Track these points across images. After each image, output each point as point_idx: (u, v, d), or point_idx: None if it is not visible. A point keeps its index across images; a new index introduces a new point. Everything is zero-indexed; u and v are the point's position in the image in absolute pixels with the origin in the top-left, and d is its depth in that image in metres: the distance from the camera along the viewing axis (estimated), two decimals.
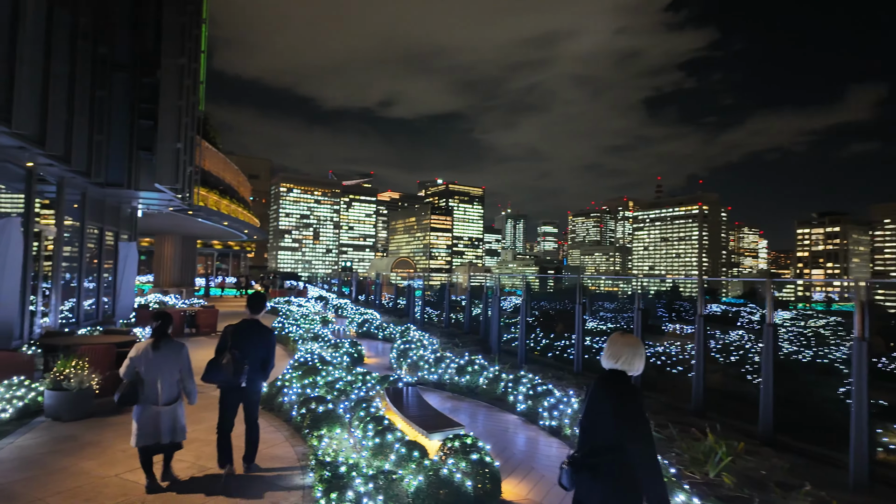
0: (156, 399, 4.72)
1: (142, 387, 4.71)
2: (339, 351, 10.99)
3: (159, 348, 4.82)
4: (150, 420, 4.70)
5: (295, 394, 7.03)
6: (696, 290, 7.37)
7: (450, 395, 8.61)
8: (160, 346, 4.83)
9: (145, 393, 4.71)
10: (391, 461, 4.83)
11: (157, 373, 4.75)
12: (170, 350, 4.87)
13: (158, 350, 4.81)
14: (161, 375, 4.76)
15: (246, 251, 55.70)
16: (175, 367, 4.87)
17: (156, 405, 4.71)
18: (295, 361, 9.17)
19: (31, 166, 11.36)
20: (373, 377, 8.01)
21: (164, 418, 4.74)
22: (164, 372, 4.78)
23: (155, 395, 4.73)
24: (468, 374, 8.56)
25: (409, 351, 10.30)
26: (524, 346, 10.33)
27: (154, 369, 4.75)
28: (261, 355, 5.17)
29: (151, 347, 4.81)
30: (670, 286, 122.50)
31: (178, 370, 4.89)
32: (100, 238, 16.54)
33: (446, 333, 14.37)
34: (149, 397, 4.71)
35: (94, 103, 13.79)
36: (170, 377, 4.82)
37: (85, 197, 14.96)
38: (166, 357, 4.83)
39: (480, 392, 8.38)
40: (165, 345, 4.87)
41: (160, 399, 4.73)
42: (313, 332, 13.76)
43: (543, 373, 9.01)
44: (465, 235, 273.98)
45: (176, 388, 4.88)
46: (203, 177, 22.78)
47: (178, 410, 4.90)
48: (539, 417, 7.01)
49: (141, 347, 4.84)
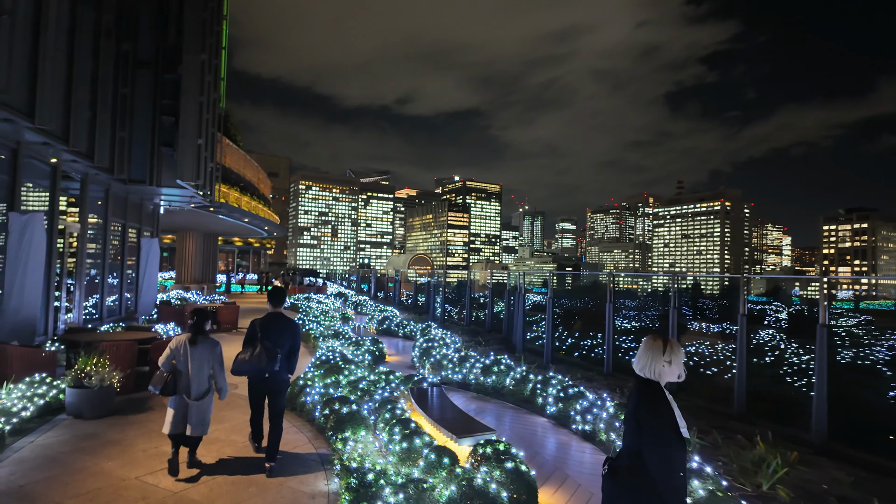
0: (188, 391, 4.92)
1: (178, 378, 4.94)
2: (360, 349, 10.80)
3: (196, 343, 5.01)
4: (181, 410, 4.93)
5: (318, 393, 6.83)
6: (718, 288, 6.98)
7: (475, 396, 8.34)
8: (196, 342, 5.02)
9: (181, 385, 4.94)
10: (420, 468, 4.59)
11: (190, 367, 4.94)
12: (205, 346, 5.05)
13: (195, 345, 5.00)
14: (194, 369, 4.96)
15: (266, 248, 56.12)
16: (208, 362, 5.05)
17: (187, 397, 4.91)
18: (317, 359, 9.00)
19: (55, 163, 11.38)
20: (396, 377, 7.79)
21: (193, 411, 4.93)
22: (197, 366, 4.97)
23: (187, 388, 4.93)
24: (494, 374, 8.28)
25: (432, 350, 10.05)
26: (551, 345, 9.98)
27: (188, 363, 4.95)
28: (287, 346, 5.35)
29: (188, 342, 5.00)
30: (692, 283, 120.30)
31: (210, 366, 5.06)
32: (123, 234, 16.63)
33: (468, 331, 14.10)
34: (182, 389, 4.93)
35: (118, 100, 13.82)
36: (203, 372, 5.01)
37: (108, 193, 15.02)
38: (201, 352, 5.01)
39: (507, 393, 8.09)
40: (201, 341, 5.05)
41: (192, 392, 4.93)
42: (334, 329, 13.62)
43: (572, 373, 8.69)
44: (482, 232, 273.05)
45: (207, 383, 5.05)
46: (224, 173, 22.89)
47: (208, 406, 5.06)
48: (571, 421, 6.69)
49: (179, 340, 5.04)
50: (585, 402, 6.61)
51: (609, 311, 8.92)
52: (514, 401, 7.91)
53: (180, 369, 4.95)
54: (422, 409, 6.28)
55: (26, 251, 8.59)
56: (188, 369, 4.94)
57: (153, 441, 5.88)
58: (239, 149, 27.65)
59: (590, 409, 6.45)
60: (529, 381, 7.83)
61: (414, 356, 10.70)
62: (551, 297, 10.16)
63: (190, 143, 14.51)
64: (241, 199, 24.89)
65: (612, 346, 8.88)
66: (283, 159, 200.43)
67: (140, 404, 7.38)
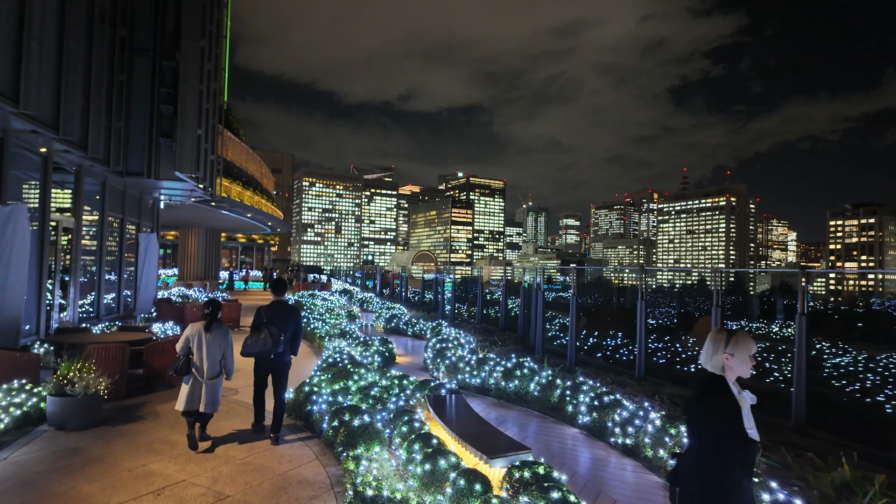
0: (201, 372, 5.46)
1: (192, 361, 5.48)
2: (369, 350, 10.15)
3: (210, 330, 5.57)
4: (194, 390, 5.44)
5: (325, 402, 6.17)
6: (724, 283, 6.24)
7: (495, 402, 7.66)
8: (211, 329, 5.58)
9: (195, 366, 5.48)
10: (447, 496, 3.92)
11: (205, 351, 5.49)
12: (218, 332, 5.61)
13: (209, 332, 5.55)
14: (208, 353, 5.49)
15: (270, 244, 55.51)
16: (220, 347, 5.60)
17: (200, 378, 5.44)
18: (323, 362, 8.36)
19: (45, 152, 10.75)
20: (411, 382, 7.12)
21: (205, 390, 5.44)
22: (210, 351, 5.51)
23: (200, 370, 5.47)
24: (516, 378, 7.59)
25: (447, 351, 9.38)
26: (574, 346, 9.25)
27: (203, 348, 5.49)
28: (291, 330, 5.95)
29: (204, 329, 5.55)
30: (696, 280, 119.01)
31: (221, 350, 5.60)
32: (121, 230, 16.02)
33: (480, 330, 13.43)
34: (195, 370, 5.47)
35: (113, 88, 13.17)
36: (215, 356, 5.54)
37: (105, 187, 14.40)
38: (215, 338, 5.57)
39: (531, 399, 7.41)
40: (215, 328, 5.61)
41: (204, 374, 5.46)
42: (340, 328, 12.97)
43: (601, 377, 7.99)
44: (485, 229, 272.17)
45: (218, 366, 5.59)
46: (225, 167, 22.24)
47: (218, 386, 5.59)
48: (607, 433, 6.01)
49: (196, 327, 5.57)
50: (625, 413, 5.91)
51: (640, 310, 8.19)
52: (540, 408, 7.23)
53: (194, 353, 5.50)
54: (442, 421, 5.61)
55: (9, 246, 7.95)
56: (202, 353, 5.48)
57: (141, 458, 5.23)
58: (241, 142, 26.98)
59: (630, 420, 5.74)
60: (557, 387, 7.15)
61: (426, 357, 10.03)
62: (575, 294, 9.43)
63: (189, 133, 13.87)
64: (243, 193, 24.24)
65: (644, 348, 8.16)
66: (286, 156, 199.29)
67: (131, 412, 6.74)
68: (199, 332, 5.52)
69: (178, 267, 33.77)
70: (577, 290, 9.32)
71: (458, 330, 13.35)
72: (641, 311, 8.17)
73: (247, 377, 7.66)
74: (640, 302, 8.23)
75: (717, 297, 7.36)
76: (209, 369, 5.48)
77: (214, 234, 33.72)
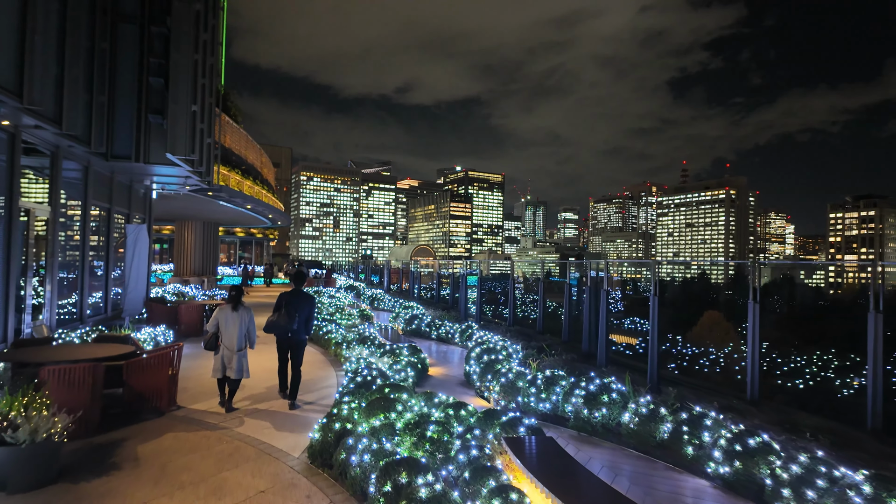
0: (231, 345, 6.67)
1: (221, 336, 6.73)
2: (399, 361, 8.46)
3: (237, 310, 6.83)
4: (224, 360, 6.66)
5: (367, 450, 4.47)
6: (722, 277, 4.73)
7: (575, 436, 6.00)
8: (237, 309, 6.84)
9: (223, 340, 6.71)
10: None
11: (232, 327, 6.73)
12: (243, 312, 6.87)
13: (236, 311, 6.82)
14: (235, 329, 6.72)
15: (269, 238, 53.67)
16: (244, 324, 6.81)
17: (230, 350, 6.66)
18: (350, 381, 6.70)
19: (8, 126, 9.00)
20: (470, 412, 5.46)
21: (235, 360, 6.64)
22: (237, 327, 6.74)
23: (231, 343, 6.68)
24: (604, 405, 5.93)
25: (496, 364, 7.70)
26: (656, 359, 7.47)
27: (231, 325, 6.74)
28: (305, 314, 7.14)
29: (231, 309, 6.83)
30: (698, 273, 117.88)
31: (245, 326, 6.81)
32: (108, 221, 14.28)
33: (515, 334, 11.78)
34: (225, 344, 6.69)
35: (95, 56, 11.43)
36: (240, 331, 6.75)
37: (88, 172, 12.65)
38: (241, 316, 6.81)
39: (625, 433, 5.75)
40: (240, 308, 6.86)
41: (234, 346, 6.67)
42: (358, 332, 11.31)
43: (701, 400, 6.31)
44: (484, 223, 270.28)
45: (243, 340, 6.78)
46: (224, 154, 20.45)
47: (244, 357, 6.75)
48: (764, 493, 4.33)
49: (224, 308, 6.85)
50: (796, 468, 4.18)
51: (752, 312, 6.47)
52: (639, 445, 5.57)
53: (223, 330, 6.71)
54: (537, 478, 3.96)
55: None
56: (231, 329, 6.70)
57: None
58: (240, 128, 25.17)
59: (811, 479, 4.05)
60: (664, 420, 5.47)
61: (470, 371, 8.34)
62: (656, 294, 7.65)
63: (183, 109, 12.09)
64: (242, 182, 22.48)
65: (757, 362, 6.44)
66: (284, 149, 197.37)
67: (102, 457, 5.06)
68: (227, 312, 6.81)
69: (174, 262, 32.01)
70: (656, 290, 7.62)
71: (488, 332, 11.71)
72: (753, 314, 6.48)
73: None
74: (751, 303, 6.54)
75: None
76: (237, 343, 6.69)
77: (212, 228, 31.93)
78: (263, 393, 7.70)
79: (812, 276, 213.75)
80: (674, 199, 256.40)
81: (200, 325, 13.00)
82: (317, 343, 12.08)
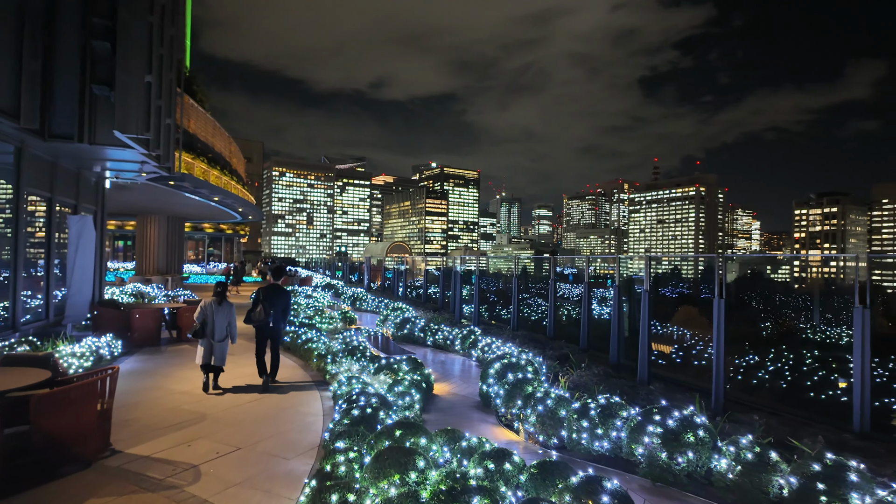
0: (213, 336, 7.69)
1: (206, 327, 7.69)
2: (401, 381, 6.89)
3: (221, 305, 7.87)
4: (209, 349, 7.67)
5: None
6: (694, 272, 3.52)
7: (649, 488, 4.58)
8: (221, 303, 7.88)
9: (208, 331, 7.69)
10: None
11: (216, 320, 7.75)
12: (225, 307, 7.92)
13: (220, 306, 7.85)
14: (218, 321, 7.77)
15: (239, 234, 51.10)
16: (226, 317, 7.89)
17: (215, 340, 7.69)
18: (343, 414, 5.13)
19: None
20: (516, 465, 3.99)
21: (216, 349, 7.70)
22: (220, 319, 7.79)
23: (213, 333, 7.69)
24: (689, 447, 4.52)
25: (524, 385, 6.23)
26: (722, 376, 6.07)
27: (214, 317, 7.75)
28: (282, 307, 8.26)
29: (216, 303, 7.84)
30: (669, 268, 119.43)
31: (227, 320, 7.87)
32: (49, 213, 12.29)
33: (527, 340, 10.37)
34: (209, 334, 7.69)
35: (24, 14, 9.53)
36: (223, 323, 7.82)
37: (21, 154, 10.70)
38: (224, 310, 7.88)
39: (718, 484, 4.35)
40: (224, 303, 7.92)
41: (216, 337, 7.70)
42: (344, 341, 9.72)
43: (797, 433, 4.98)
44: (460, 219, 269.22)
45: (225, 331, 7.84)
46: (188, 141, 18.47)
47: (225, 347, 7.84)
48: None
49: (208, 302, 7.83)
50: None
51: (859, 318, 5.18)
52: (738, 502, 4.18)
53: (208, 321, 7.71)
54: None
55: None
56: (214, 321, 7.73)
57: None
58: (207, 114, 23.08)
59: None
60: (777, 470, 4.09)
61: (489, 392, 6.82)
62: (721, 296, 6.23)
63: (134, 80, 10.20)
64: (209, 172, 20.48)
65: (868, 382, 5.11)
66: (255, 144, 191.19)
67: None
68: (213, 306, 7.76)
69: (136, 260, 29.65)
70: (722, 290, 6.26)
71: (491, 338, 10.28)
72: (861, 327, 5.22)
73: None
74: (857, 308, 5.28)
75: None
76: (218, 334, 7.68)
77: (177, 223, 29.66)
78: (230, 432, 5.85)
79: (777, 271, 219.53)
80: (645, 195, 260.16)
81: (158, 333, 11.19)
82: (294, 353, 10.43)
